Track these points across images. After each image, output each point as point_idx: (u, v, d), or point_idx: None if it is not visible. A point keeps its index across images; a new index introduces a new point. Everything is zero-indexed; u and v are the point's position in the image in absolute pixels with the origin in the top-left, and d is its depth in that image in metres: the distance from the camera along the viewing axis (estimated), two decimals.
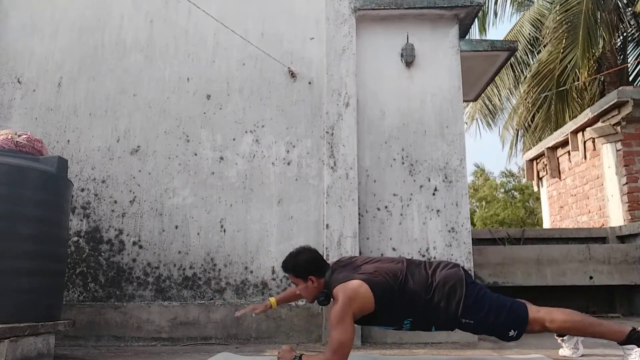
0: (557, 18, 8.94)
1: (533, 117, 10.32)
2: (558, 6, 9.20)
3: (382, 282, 2.46)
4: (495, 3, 11.64)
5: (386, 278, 2.48)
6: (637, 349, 2.40)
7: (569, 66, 8.50)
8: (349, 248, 3.65)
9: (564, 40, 8.62)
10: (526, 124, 10.94)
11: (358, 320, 2.51)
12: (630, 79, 10.27)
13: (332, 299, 2.50)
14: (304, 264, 2.59)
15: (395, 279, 2.49)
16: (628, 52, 10.40)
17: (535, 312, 2.47)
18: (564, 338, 2.85)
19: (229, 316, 3.63)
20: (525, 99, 10.53)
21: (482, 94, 6.19)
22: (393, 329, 2.65)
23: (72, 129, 4.02)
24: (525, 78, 11.13)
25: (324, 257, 3.63)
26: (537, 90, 9.50)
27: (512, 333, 2.46)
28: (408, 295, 2.47)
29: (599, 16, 8.40)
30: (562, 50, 8.66)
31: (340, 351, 2.32)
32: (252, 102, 4.01)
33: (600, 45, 8.64)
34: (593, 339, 2.69)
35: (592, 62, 8.73)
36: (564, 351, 2.89)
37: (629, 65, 10.08)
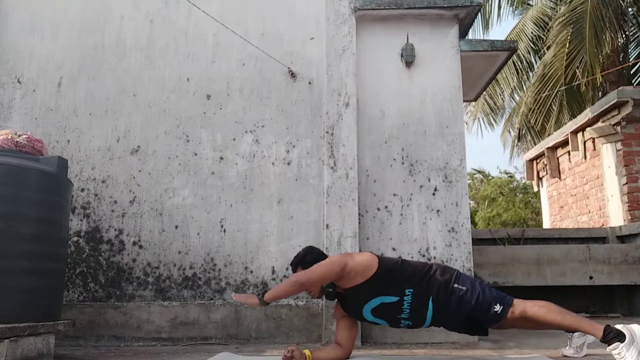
0: (562, 19, 8.93)
1: (542, 118, 10.29)
2: (562, 7, 9.19)
3: (384, 256, 2.90)
4: (499, 4, 11.66)
5: (388, 258, 2.88)
6: (621, 344, 2.42)
7: (573, 65, 8.49)
8: (349, 248, 3.65)
9: (569, 40, 8.61)
10: (529, 125, 10.94)
11: (357, 297, 2.67)
12: (633, 79, 10.26)
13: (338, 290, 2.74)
14: (310, 255, 2.79)
15: (396, 259, 2.80)
16: (629, 51, 10.39)
17: (518, 299, 2.63)
18: (573, 334, 2.84)
19: (229, 316, 3.63)
20: (527, 99, 10.52)
21: (483, 93, 6.19)
22: (396, 301, 2.62)
23: (72, 129, 4.02)
24: (528, 77, 11.12)
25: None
26: (543, 90, 9.48)
27: (497, 307, 2.56)
28: (409, 270, 2.67)
29: (605, 15, 8.39)
30: (567, 51, 8.65)
31: (308, 273, 2.57)
32: (252, 102, 4.01)
33: (607, 44, 8.63)
34: (594, 339, 2.70)
35: (602, 61, 8.72)
36: (567, 350, 2.89)
37: (630, 64, 10.07)
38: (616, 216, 6.38)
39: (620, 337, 2.43)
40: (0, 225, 2.60)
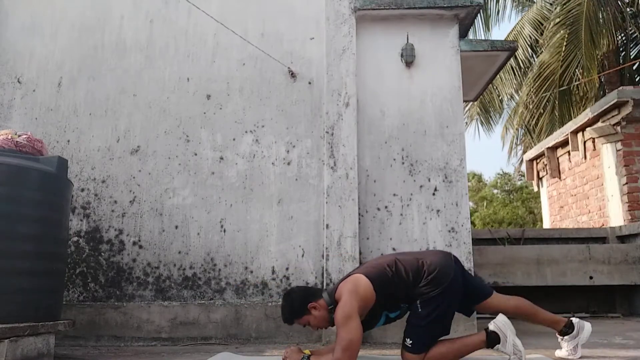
0: (558, 20, 8.94)
1: (537, 119, 10.30)
2: (559, 7, 9.20)
3: (375, 271, 2.59)
4: (497, 2, 11.66)
5: (377, 268, 2.61)
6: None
7: (571, 67, 8.49)
8: (349, 248, 3.65)
9: (565, 41, 8.62)
10: (529, 126, 10.94)
11: (369, 318, 2.58)
12: (636, 75, 10.24)
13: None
14: (297, 301, 2.61)
15: (385, 266, 2.61)
16: (630, 51, 10.37)
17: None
18: (565, 338, 2.84)
19: (229, 316, 3.63)
20: (526, 100, 10.52)
21: (482, 94, 6.19)
22: (404, 309, 2.65)
23: (72, 129, 4.02)
24: (526, 78, 11.12)
25: (324, 257, 3.65)
26: (539, 91, 9.48)
27: (408, 341, 2.61)
28: (401, 285, 2.57)
29: (600, 17, 8.40)
30: (563, 52, 8.66)
31: (350, 349, 2.36)
32: (252, 102, 4.01)
33: (604, 46, 8.63)
34: (593, 340, 2.70)
35: (597, 62, 8.73)
36: (561, 352, 2.88)
37: (630, 64, 10.06)
38: (616, 216, 6.37)
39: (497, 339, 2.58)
40: (0, 225, 2.60)
